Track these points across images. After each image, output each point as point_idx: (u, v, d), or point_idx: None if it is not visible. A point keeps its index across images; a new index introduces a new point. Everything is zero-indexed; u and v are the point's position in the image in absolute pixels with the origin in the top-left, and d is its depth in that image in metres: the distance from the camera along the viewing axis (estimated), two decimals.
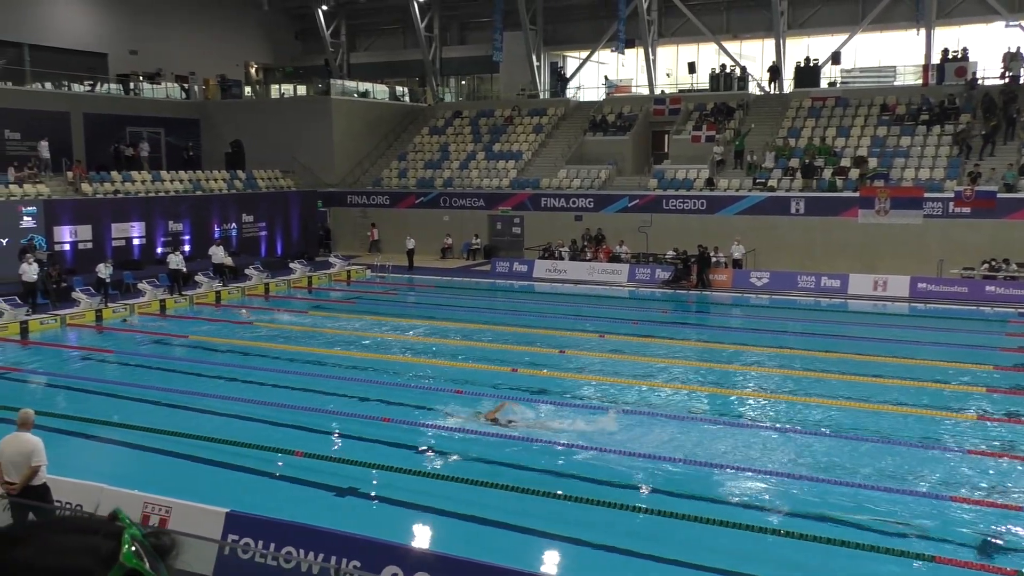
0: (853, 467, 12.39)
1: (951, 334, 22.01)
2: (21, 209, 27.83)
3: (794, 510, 10.93)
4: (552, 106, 42.28)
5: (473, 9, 46.59)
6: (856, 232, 30.18)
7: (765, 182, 33.02)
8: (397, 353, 20.31)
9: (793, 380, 17.71)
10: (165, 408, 15.34)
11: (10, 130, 32.73)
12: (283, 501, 11.04)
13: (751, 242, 31.03)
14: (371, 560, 8.52)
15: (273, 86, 45.29)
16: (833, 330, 22.85)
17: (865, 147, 33.59)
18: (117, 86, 38.80)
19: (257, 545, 9.04)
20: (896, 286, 27.85)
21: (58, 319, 23.19)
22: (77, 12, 39.22)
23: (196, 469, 12.31)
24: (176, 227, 32.64)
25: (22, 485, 8.99)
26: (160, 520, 9.55)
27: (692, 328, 25.11)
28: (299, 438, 13.65)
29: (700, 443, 13.47)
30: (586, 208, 35.26)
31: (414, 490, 11.50)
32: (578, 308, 26.63)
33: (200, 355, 20.27)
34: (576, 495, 11.13)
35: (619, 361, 19.51)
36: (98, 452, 13.36)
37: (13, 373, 18.58)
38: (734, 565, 9.41)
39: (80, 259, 28.70)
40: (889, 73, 38.44)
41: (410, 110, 45.39)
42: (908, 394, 16.38)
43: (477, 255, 36.79)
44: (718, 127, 36.51)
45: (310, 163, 39.50)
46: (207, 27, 44.29)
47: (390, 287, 30.98)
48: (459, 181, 38.81)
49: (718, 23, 42.12)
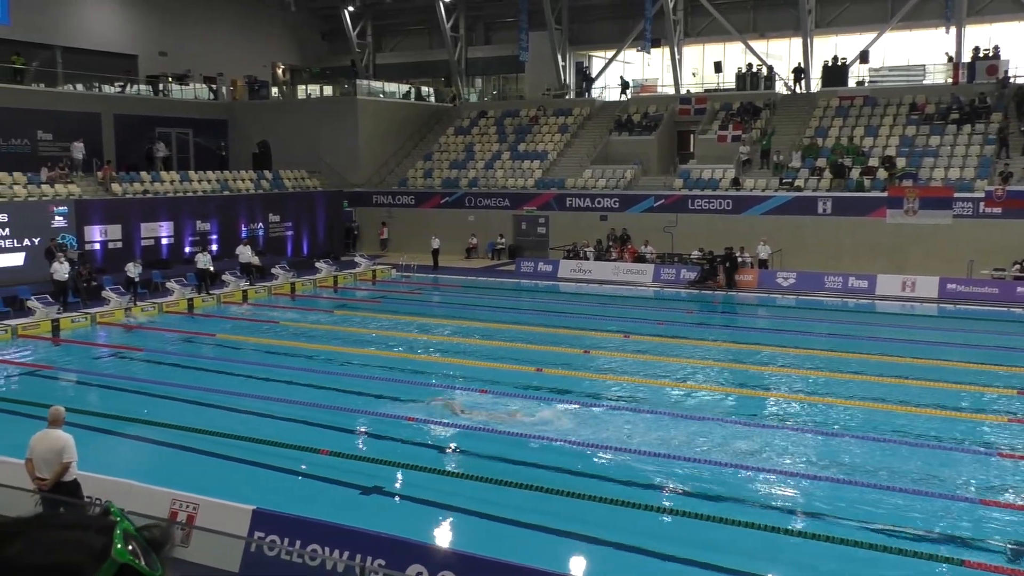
0: (879, 469, 12.28)
1: (981, 335, 21.75)
2: (53, 209, 28.20)
3: (817, 511, 10.85)
4: (577, 106, 42.23)
5: (498, 9, 46.63)
6: (884, 232, 29.89)
7: (792, 182, 32.79)
8: (422, 352, 20.37)
9: (819, 381, 17.57)
10: (192, 406, 15.50)
11: (43, 131, 33.18)
12: (308, 499, 11.13)
13: (777, 242, 30.81)
14: (396, 558, 8.56)
15: (300, 87, 45.56)
16: (860, 331, 22.66)
17: (894, 147, 33.27)
18: (147, 87, 39.23)
19: (283, 542, 9.11)
20: (925, 287, 27.55)
21: (88, 317, 23.48)
22: (108, 15, 39.69)
23: (223, 466, 12.42)
24: (204, 227, 32.93)
25: (53, 481, 9.12)
26: (188, 516, 9.65)
27: (717, 329, 24.98)
28: (324, 436, 13.74)
29: (724, 443, 13.40)
30: (611, 208, 35.19)
31: (438, 489, 11.54)
32: (603, 308, 26.58)
33: (227, 353, 20.45)
34: (600, 495, 11.11)
35: (644, 361, 19.46)
36: (127, 449, 13.53)
37: (45, 370, 18.85)
38: (754, 567, 9.36)
39: (110, 258, 29.04)
40: (918, 72, 38.05)
41: (435, 110, 45.52)
42: (936, 396, 16.19)
43: (502, 255, 36.82)
44: (744, 127, 36.30)
45: (336, 163, 39.72)
46: (235, 29, 44.67)
47: (415, 287, 31.08)
48: (484, 181, 38.85)
49: (745, 22, 41.87)
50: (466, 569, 8.31)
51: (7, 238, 26.74)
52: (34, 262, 26.61)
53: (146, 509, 9.50)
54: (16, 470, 9.91)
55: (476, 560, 8.44)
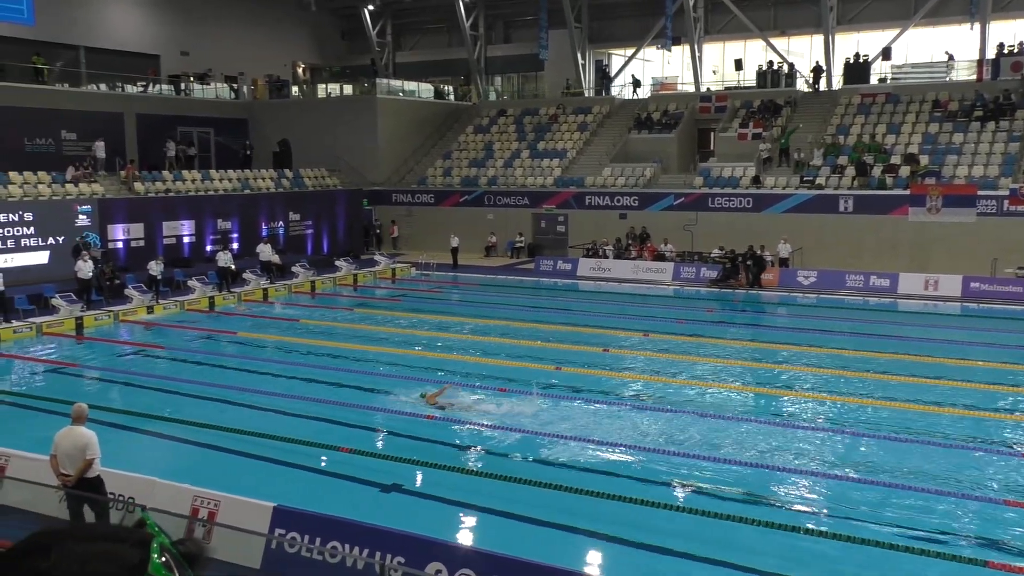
0: (900, 469, 12.18)
1: (1005, 335, 21.53)
2: (77, 208, 28.48)
3: (839, 512, 10.77)
4: (597, 104, 42.16)
5: (518, 8, 46.62)
6: (907, 231, 29.66)
7: (813, 180, 32.58)
8: (441, 351, 20.41)
9: (840, 380, 17.45)
10: (214, 403, 15.61)
11: (67, 130, 33.51)
12: (329, 496, 11.18)
13: (798, 241, 30.61)
14: (415, 556, 8.59)
15: (320, 86, 45.73)
16: (882, 330, 22.48)
17: (916, 144, 32.98)
18: (169, 87, 39.53)
19: (303, 539, 9.16)
20: (948, 285, 27.30)
21: (112, 315, 23.69)
22: (131, 15, 40.03)
23: (244, 463, 12.50)
24: (225, 225, 33.14)
25: (77, 477, 9.22)
26: (209, 513, 9.72)
27: (737, 327, 24.86)
28: (344, 434, 13.79)
29: (744, 443, 13.34)
30: (631, 206, 35.10)
31: (458, 487, 11.56)
32: (622, 307, 26.52)
33: (247, 351, 20.57)
34: (621, 495, 11.09)
35: (663, 360, 19.40)
36: (149, 446, 13.63)
37: (69, 368, 19.04)
38: (777, 567, 9.31)
39: (133, 257, 29.28)
40: (941, 68, 37.65)
41: (455, 109, 45.58)
42: (960, 396, 16.06)
43: (521, 253, 36.83)
44: (765, 124, 36.10)
45: (356, 162, 39.86)
46: (255, 28, 44.92)
47: (434, 285, 31.14)
48: (503, 179, 38.87)
49: (765, 19, 41.64)
50: (486, 567, 8.32)
51: (32, 237, 27.02)
52: (58, 260, 26.89)
53: (168, 506, 9.58)
54: (41, 466, 10.02)
55: (496, 558, 8.45)
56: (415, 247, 37.88)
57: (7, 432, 13.60)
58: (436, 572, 8.38)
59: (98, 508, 9.37)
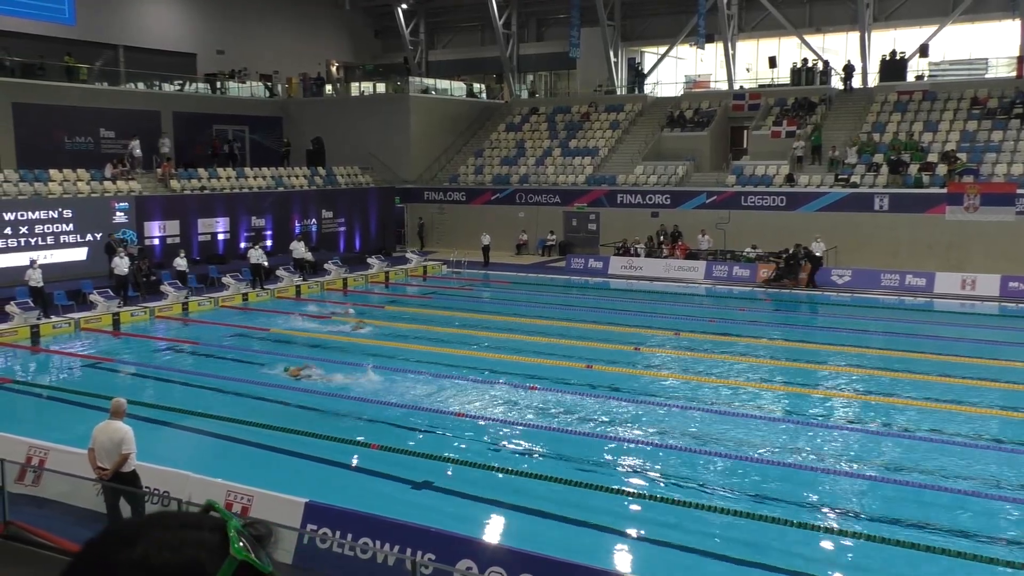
0: (935, 470, 12.03)
1: None
2: (115, 205, 28.92)
3: (872, 512, 10.66)
4: (629, 102, 42.00)
5: (550, 6, 46.55)
6: (943, 229, 29.24)
7: (847, 178, 32.22)
8: (472, 348, 20.45)
9: (875, 380, 17.27)
10: (246, 399, 15.77)
11: (105, 128, 34.01)
12: (359, 492, 11.26)
13: (832, 239, 30.28)
14: (446, 553, 8.62)
15: (353, 84, 46.02)
16: (918, 330, 22.19)
17: (954, 142, 32.49)
18: (205, 85, 39.98)
19: (335, 535, 9.24)
20: (985, 285, 26.88)
21: (147, 311, 24.03)
22: (169, 14, 40.54)
23: (276, 459, 12.62)
24: (259, 222, 33.47)
25: (113, 471, 9.37)
26: (242, 508, 9.83)
27: (770, 326, 24.66)
28: (375, 431, 13.89)
29: (774, 442, 13.25)
30: (663, 205, 34.94)
31: (489, 484, 11.59)
32: (653, 305, 26.42)
33: (280, 348, 20.75)
34: (653, 494, 11.06)
35: (694, 359, 19.31)
36: (183, 440, 13.81)
37: (106, 363, 19.34)
38: (808, 568, 9.25)
39: (168, 253, 29.65)
40: (980, 65, 37.05)
41: (487, 107, 45.63)
42: (998, 396, 15.82)
43: (552, 251, 36.80)
44: (799, 122, 35.75)
45: (388, 160, 40.06)
46: (290, 27, 45.29)
47: (465, 283, 31.22)
48: (535, 177, 38.86)
49: (800, 16, 41.23)
50: (516, 565, 8.34)
51: (71, 233, 27.48)
52: (96, 257, 27.32)
53: (201, 500, 9.68)
54: (80, 460, 10.19)
55: (526, 556, 8.46)
56: (441, 244, 37.98)
57: (47, 426, 13.86)
58: (467, 569, 8.41)
59: (135, 501, 9.53)
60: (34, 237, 26.55)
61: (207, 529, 1.28)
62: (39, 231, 26.71)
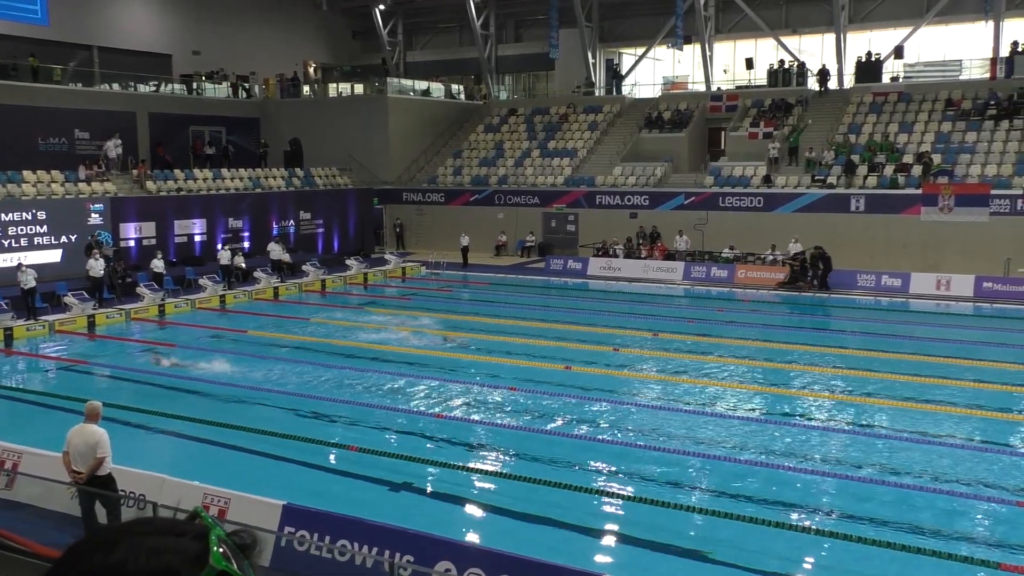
0: (910, 469, 12.13)
1: (1018, 335, 21.39)
2: (89, 206, 28.63)
3: (848, 512, 10.74)
4: (607, 103, 42.11)
5: (529, 7, 46.62)
6: (919, 230, 29.50)
7: (824, 179, 32.45)
8: (450, 350, 20.42)
9: (850, 380, 17.39)
10: (224, 402, 15.66)
11: (80, 129, 33.66)
12: (338, 495, 11.20)
13: (809, 240, 30.38)
14: (425, 554, 8.60)
15: (331, 85, 45.78)
16: (893, 330, 22.39)
17: (929, 143, 32.81)
18: (181, 86, 39.68)
19: (313, 537, 9.19)
20: (960, 285, 27.15)
21: (123, 313, 23.80)
22: (144, 15, 40.21)
23: (253, 461, 12.54)
24: (236, 224, 33.24)
25: (88, 474, 9.27)
26: (219, 511, 9.76)
27: (746, 327, 24.77)
28: (354, 433, 13.83)
29: (751, 442, 13.31)
30: (641, 206, 35.05)
31: (468, 486, 11.57)
32: (632, 306, 26.49)
33: (257, 350, 20.62)
34: (632, 495, 11.08)
35: (673, 359, 19.37)
36: (160, 443, 13.69)
37: (80, 365, 19.14)
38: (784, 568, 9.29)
39: (144, 255, 29.39)
40: (954, 67, 37.43)
41: (465, 108, 45.59)
42: (972, 396, 15.98)
43: (531, 253, 36.82)
44: (776, 123, 35.99)
45: (367, 161, 39.92)
46: (267, 28, 45.06)
47: (444, 284, 31.17)
48: (514, 179, 38.87)
49: (777, 18, 41.52)
50: (495, 566, 8.33)
51: (45, 235, 27.18)
52: (71, 258, 27.03)
53: (178, 503, 9.62)
54: (54, 463, 10.08)
55: (505, 557, 8.45)
56: (419, 245, 37.90)
57: (20, 429, 13.69)
58: (445, 571, 8.39)
59: (110, 505, 9.43)
60: (7, 239, 26.23)
61: (189, 536, 1.28)
62: (12, 233, 26.40)
